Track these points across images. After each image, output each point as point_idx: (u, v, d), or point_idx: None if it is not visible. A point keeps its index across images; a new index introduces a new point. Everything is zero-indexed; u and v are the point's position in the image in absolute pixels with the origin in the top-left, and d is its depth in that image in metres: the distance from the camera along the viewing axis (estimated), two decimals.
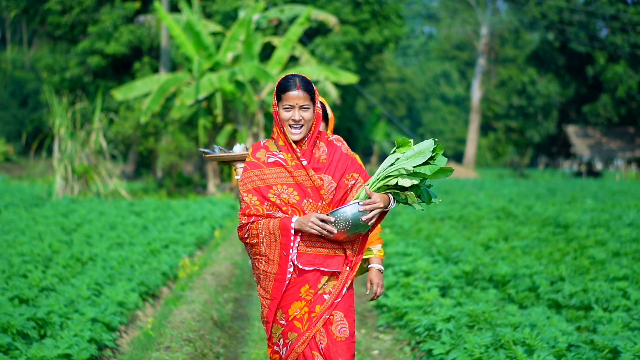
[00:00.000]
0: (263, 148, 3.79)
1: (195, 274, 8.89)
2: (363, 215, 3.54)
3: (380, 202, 3.58)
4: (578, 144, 46.35)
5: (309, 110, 3.69)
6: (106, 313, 6.53)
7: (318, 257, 3.68)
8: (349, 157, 3.83)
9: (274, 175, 3.70)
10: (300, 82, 3.68)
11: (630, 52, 43.06)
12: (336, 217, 3.52)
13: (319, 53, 33.20)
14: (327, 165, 3.75)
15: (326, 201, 3.67)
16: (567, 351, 5.09)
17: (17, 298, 7.00)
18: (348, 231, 3.55)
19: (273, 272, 3.66)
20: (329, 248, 3.69)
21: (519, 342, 5.18)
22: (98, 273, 8.23)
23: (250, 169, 3.73)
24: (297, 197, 3.66)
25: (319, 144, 3.80)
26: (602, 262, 8.97)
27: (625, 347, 4.95)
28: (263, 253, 3.69)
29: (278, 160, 3.72)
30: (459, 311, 6.26)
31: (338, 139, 3.88)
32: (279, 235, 3.63)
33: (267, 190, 3.67)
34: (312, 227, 3.56)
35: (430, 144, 3.56)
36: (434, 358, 5.37)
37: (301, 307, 3.67)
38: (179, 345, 5.52)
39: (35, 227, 12.32)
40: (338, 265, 3.70)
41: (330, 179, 3.71)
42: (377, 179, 3.63)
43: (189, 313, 6.54)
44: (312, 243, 3.67)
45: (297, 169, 3.69)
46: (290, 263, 3.63)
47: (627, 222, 13.09)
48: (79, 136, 19.95)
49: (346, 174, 3.77)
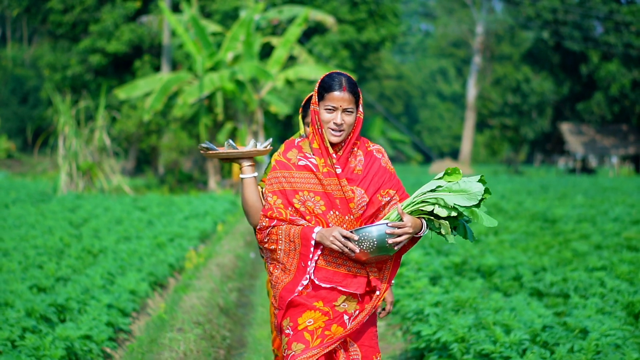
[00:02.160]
0: (296, 148, 3.53)
1: (201, 265, 9.42)
2: (390, 237, 3.28)
3: (410, 227, 3.30)
4: (572, 141, 46.94)
5: (352, 114, 3.42)
6: (120, 300, 7.04)
7: (337, 275, 3.41)
8: (388, 171, 3.53)
9: (303, 180, 3.44)
10: (347, 82, 3.42)
11: (623, 51, 43.65)
12: (361, 235, 3.28)
13: (316, 52, 33.72)
14: (362, 177, 3.46)
15: (354, 216, 3.41)
16: (542, 331, 5.62)
17: (36, 287, 7.50)
18: (371, 252, 3.30)
19: (285, 282, 3.43)
20: (350, 267, 3.42)
21: (498, 324, 5.72)
22: (109, 264, 8.72)
23: (278, 169, 3.49)
24: (323, 207, 3.41)
25: (356, 152, 3.52)
26: (584, 254, 9.51)
27: (593, 327, 5.49)
28: (281, 261, 3.45)
29: (309, 165, 3.45)
30: (446, 297, 6.80)
31: (379, 150, 3.59)
32: (299, 245, 3.39)
33: (292, 195, 3.42)
34: (333, 242, 3.30)
35: (480, 188, 3.29)
36: (422, 339, 5.90)
37: (315, 317, 3.40)
38: (190, 327, 6.05)
39: (45, 222, 12.82)
40: (358, 287, 3.42)
41: (362, 193, 3.43)
42: (413, 202, 3.37)
43: (198, 300, 7.07)
44: (333, 259, 3.41)
45: (328, 177, 3.42)
46: (307, 276, 3.38)
47: (612, 217, 13.64)
48: (82, 134, 20.49)
49: (381, 190, 3.48)
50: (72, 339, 5.52)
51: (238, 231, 13.73)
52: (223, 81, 22.15)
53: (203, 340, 6.03)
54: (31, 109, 47.25)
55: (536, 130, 48.06)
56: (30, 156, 41.36)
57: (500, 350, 5.17)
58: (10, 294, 6.76)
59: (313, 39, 34.79)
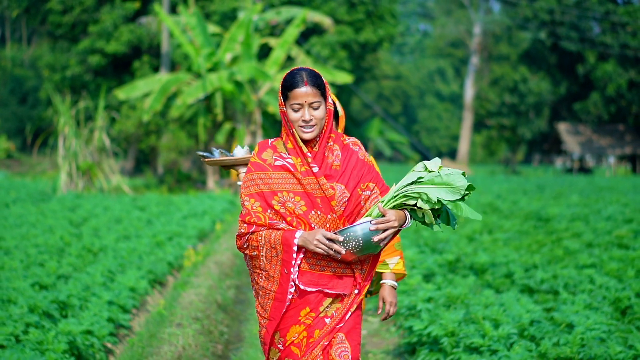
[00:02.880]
0: (270, 148, 3.40)
1: (200, 263, 9.60)
2: (375, 235, 3.20)
3: (395, 221, 3.21)
4: (569, 141, 47.16)
5: (320, 108, 3.30)
6: (120, 297, 7.20)
7: (322, 278, 3.31)
8: (366, 164, 3.43)
9: (280, 180, 3.32)
10: (308, 76, 3.29)
11: (619, 51, 43.88)
12: (345, 236, 3.19)
13: (314, 52, 33.91)
14: (341, 172, 3.35)
15: (337, 214, 3.30)
16: (530, 326, 5.81)
17: (38, 284, 7.66)
18: (358, 252, 3.22)
19: (273, 290, 3.31)
20: (335, 268, 3.32)
21: (488, 318, 5.90)
22: (109, 262, 8.89)
23: (254, 171, 3.35)
24: (304, 208, 3.29)
25: (332, 147, 3.40)
26: (575, 252, 9.69)
27: (579, 321, 5.67)
28: (263, 268, 3.33)
29: (286, 165, 3.33)
30: (439, 294, 6.98)
31: (355, 143, 3.48)
32: (281, 251, 3.26)
33: (271, 197, 3.29)
34: (317, 245, 3.19)
35: (463, 182, 3.21)
36: (414, 333, 6.08)
37: (299, 331, 3.31)
38: (189, 323, 6.23)
39: (45, 221, 12.99)
40: (345, 287, 3.33)
41: (342, 189, 3.32)
42: (395, 197, 3.26)
43: (196, 296, 7.25)
44: (316, 261, 3.30)
45: (306, 176, 3.30)
46: (292, 283, 3.26)
47: (605, 216, 13.83)
48: (82, 134, 20.68)
49: (361, 184, 3.38)
50: (74, 334, 5.69)
51: (236, 230, 13.92)
52: (222, 82, 22.34)
53: (201, 335, 6.21)
54: (30, 109, 47.41)
55: (533, 130, 48.29)
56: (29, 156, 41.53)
57: (488, 343, 5.34)
58: (12, 291, 6.91)
59: (311, 40, 34.98)
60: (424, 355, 5.66)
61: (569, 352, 5.12)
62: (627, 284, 7.46)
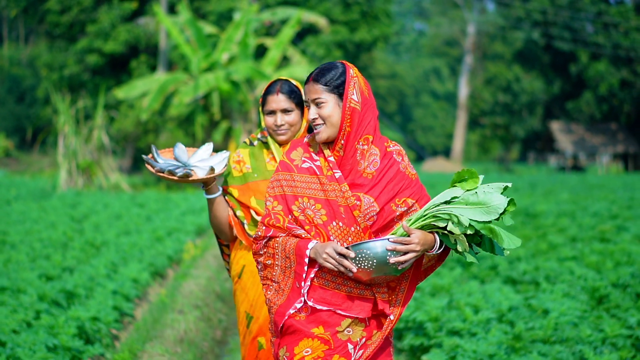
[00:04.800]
0: (302, 147, 3.12)
1: (198, 256, 10.00)
2: (393, 255, 2.85)
3: (418, 244, 2.86)
4: (562, 140, 47.65)
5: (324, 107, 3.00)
6: (123, 287, 7.59)
7: (336, 297, 2.97)
8: (406, 177, 3.04)
9: (304, 184, 3.02)
10: (314, 71, 3.08)
11: (612, 51, 44.37)
12: (358, 252, 2.86)
13: (310, 52, 34.32)
14: (374, 183, 2.99)
15: (361, 226, 2.96)
16: (508, 312, 6.21)
17: (45, 276, 8.05)
18: (372, 273, 2.87)
19: (277, 304, 3.01)
20: (352, 287, 2.97)
21: (469, 305, 6.31)
22: (112, 255, 9.26)
23: (280, 171, 3.09)
24: (324, 217, 2.97)
25: (369, 151, 3.03)
26: (558, 245, 10.10)
27: (554, 308, 6.08)
28: (276, 279, 3.03)
29: (312, 168, 3.03)
30: (425, 284, 7.38)
31: (399, 152, 3.09)
32: (294, 262, 2.97)
33: (292, 201, 3.01)
34: (326, 259, 2.88)
35: (502, 200, 2.83)
36: (400, 320, 6.48)
37: (313, 347, 2.95)
38: (189, 310, 6.63)
39: (47, 217, 13.36)
40: (360, 311, 2.97)
41: (371, 202, 2.97)
42: (423, 216, 2.93)
43: (196, 286, 7.65)
44: (331, 278, 2.97)
45: (331, 181, 2.99)
46: (301, 298, 2.96)
47: (591, 212, 14.25)
48: (82, 133, 21.07)
49: (396, 198, 3.01)
50: (82, 320, 6.07)
51: None
52: (219, 81, 22.75)
53: (201, 321, 6.61)
54: (28, 107, 47.73)
55: (526, 129, 48.77)
56: (27, 154, 41.85)
57: (468, 327, 5.75)
58: (22, 282, 7.29)
59: (306, 39, 35.39)
60: (410, 340, 6.05)
61: (542, 335, 5.53)
62: (604, 275, 7.87)
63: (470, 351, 5.05)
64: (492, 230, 2.84)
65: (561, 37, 46.13)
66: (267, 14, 27.39)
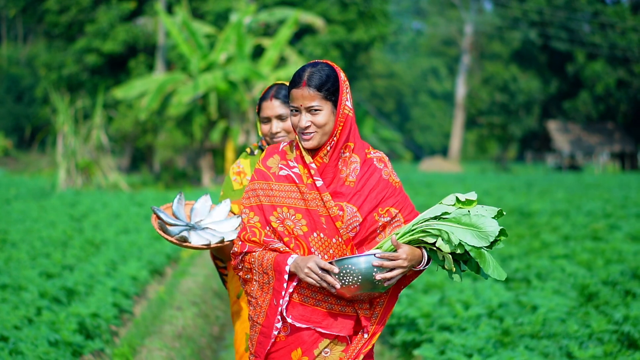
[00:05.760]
0: (278, 154, 2.95)
1: (196, 254, 10.14)
2: (379, 272, 2.72)
3: (405, 260, 2.73)
4: (559, 139, 47.84)
5: (321, 113, 2.82)
6: (123, 285, 7.73)
7: (316, 314, 2.82)
8: (390, 184, 2.90)
9: (282, 193, 2.86)
10: (309, 75, 2.84)
11: (608, 51, 44.58)
12: (342, 267, 2.71)
13: (307, 52, 34.48)
14: (355, 191, 2.85)
15: (343, 238, 2.81)
16: (498, 308, 6.37)
17: (45, 273, 8.19)
18: (357, 289, 2.74)
19: (259, 323, 2.86)
20: (333, 304, 2.83)
21: (460, 301, 6.47)
22: (111, 254, 9.40)
23: (256, 180, 2.92)
24: (305, 228, 2.82)
25: (349, 159, 2.89)
26: (551, 244, 10.26)
27: (543, 304, 6.24)
28: (253, 295, 2.89)
29: (291, 175, 2.87)
30: (417, 281, 7.54)
31: (381, 159, 2.94)
32: (272, 277, 2.81)
33: (270, 212, 2.85)
34: (308, 274, 2.73)
35: (495, 227, 2.74)
36: (393, 316, 6.64)
37: None
38: (187, 306, 6.79)
39: (47, 216, 13.50)
40: (342, 328, 2.83)
41: (354, 211, 2.82)
42: (412, 231, 2.80)
43: (194, 284, 7.81)
44: (311, 293, 2.82)
45: (311, 190, 2.83)
46: (278, 317, 2.81)
47: (585, 211, 14.41)
48: (81, 132, 21.24)
49: (379, 208, 2.87)
50: (83, 316, 6.22)
51: None
52: (216, 81, 22.92)
53: (199, 317, 6.77)
54: (26, 107, 47.87)
55: (523, 128, 48.98)
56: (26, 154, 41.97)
57: (459, 323, 5.90)
58: (22, 279, 7.43)
59: (304, 39, 35.55)
60: (402, 335, 6.21)
61: (530, 330, 5.68)
62: (595, 273, 8.02)
63: (459, 345, 5.21)
64: (481, 255, 2.76)
65: (558, 37, 46.33)
66: (265, 15, 27.55)
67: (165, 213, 3.33)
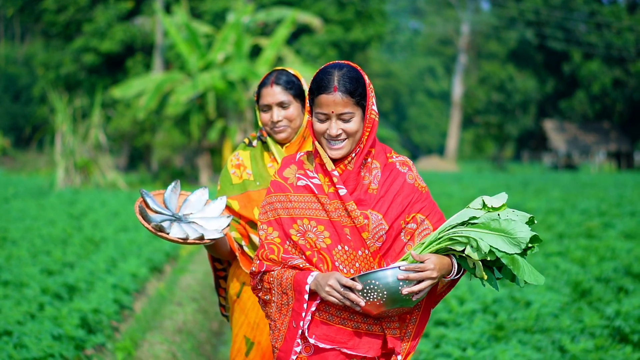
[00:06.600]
0: (295, 164, 2.77)
1: (195, 252, 10.26)
2: (406, 285, 2.52)
3: (434, 270, 2.53)
4: (555, 139, 48.02)
5: (352, 120, 2.65)
6: (123, 281, 7.84)
7: (341, 333, 2.63)
8: (416, 189, 2.73)
9: (302, 205, 2.69)
10: (341, 79, 2.63)
11: (604, 50, 44.76)
12: (365, 284, 2.52)
13: (305, 51, 34.60)
14: (378, 197, 2.67)
15: (370, 250, 2.63)
16: (493, 303, 6.49)
17: (46, 271, 8.30)
18: (383, 305, 2.54)
19: (277, 347, 2.67)
20: (359, 322, 2.64)
21: (455, 297, 6.59)
22: (111, 251, 9.49)
23: (273, 193, 2.74)
24: (328, 241, 2.64)
25: (371, 165, 2.72)
26: (546, 241, 10.38)
27: (536, 299, 6.36)
28: (272, 317, 2.70)
29: (310, 185, 2.70)
30: None
31: (404, 162, 2.77)
32: (292, 298, 2.63)
33: (290, 225, 2.68)
34: (329, 292, 2.53)
35: (527, 232, 2.56)
36: None
37: None
38: (187, 302, 6.90)
39: (46, 215, 13.60)
40: (369, 349, 2.64)
41: (379, 219, 2.65)
42: (438, 239, 2.62)
43: (193, 280, 7.92)
44: (336, 312, 2.63)
45: (333, 200, 2.66)
46: (297, 340, 2.61)
47: (580, 209, 14.54)
48: (79, 131, 21.35)
49: (405, 214, 2.69)
50: (84, 311, 6.33)
51: None
52: (214, 81, 23.04)
53: (199, 313, 6.88)
54: (24, 106, 47.94)
55: (520, 127, 49.16)
56: (23, 153, 42.04)
57: (454, 318, 6.02)
58: (24, 276, 7.54)
59: (301, 39, 35.67)
60: None
61: (524, 325, 5.80)
62: (588, 270, 8.14)
63: (453, 339, 5.32)
64: (514, 261, 2.56)
65: (554, 37, 46.51)
66: (262, 14, 27.67)
67: (154, 199, 3.11)
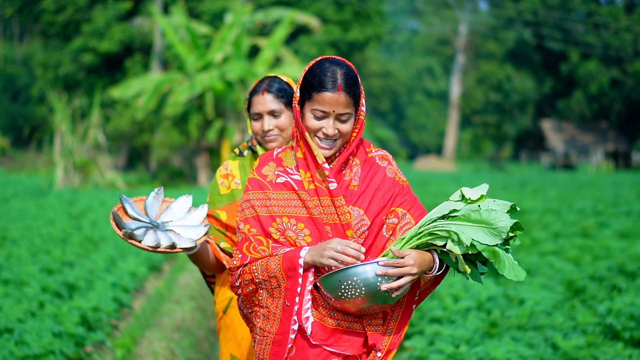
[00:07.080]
0: (274, 161, 2.69)
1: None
2: (384, 281, 2.43)
3: (413, 266, 2.44)
4: (553, 138, 48.13)
5: (349, 121, 2.58)
6: (122, 280, 7.92)
7: (322, 330, 2.56)
8: (397, 183, 2.66)
9: (281, 202, 2.60)
10: (344, 78, 2.54)
11: (602, 50, 44.88)
12: (343, 279, 2.43)
13: (303, 51, 34.69)
14: (360, 192, 2.60)
15: None
16: (487, 301, 6.58)
17: (46, 269, 8.37)
18: (362, 302, 2.46)
19: (272, 332, 2.56)
20: (339, 320, 2.57)
21: (450, 295, 6.67)
22: (110, 250, 9.57)
23: (251, 190, 2.66)
24: (308, 238, 2.56)
25: (351, 161, 2.65)
26: (541, 241, 10.47)
27: (530, 297, 6.45)
28: (263, 304, 2.59)
29: (289, 182, 2.62)
30: None
31: (384, 157, 2.72)
32: (283, 278, 2.52)
33: (269, 223, 2.59)
34: (332, 256, 2.45)
35: (508, 221, 2.46)
36: None
37: None
38: (186, 300, 6.99)
39: (45, 214, 13.67)
40: (349, 347, 2.57)
41: (361, 214, 2.58)
42: (418, 234, 2.53)
43: (191, 279, 8.00)
44: (317, 308, 2.58)
45: (314, 197, 2.57)
46: (294, 318, 2.51)
47: (576, 209, 14.63)
48: (78, 131, 21.43)
49: (387, 209, 2.62)
50: (84, 309, 6.42)
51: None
52: (213, 81, 23.13)
53: (197, 311, 6.96)
54: (22, 106, 48.00)
55: (518, 127, 49.28)
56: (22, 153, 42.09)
57: (448, 315, 6.11)
58: (24, 275, 7.61)
59: (299, 39, 35.76)
60: None
61: (517, 322, 5.89)
62: (582, 269, 8.23)
63: (447, 336, 5.41)
64: (495, 254, 2.46)
65: (552, 37, 46.62)
66: (260, 15, 27.76)
67: (134, 205, 2.99)
